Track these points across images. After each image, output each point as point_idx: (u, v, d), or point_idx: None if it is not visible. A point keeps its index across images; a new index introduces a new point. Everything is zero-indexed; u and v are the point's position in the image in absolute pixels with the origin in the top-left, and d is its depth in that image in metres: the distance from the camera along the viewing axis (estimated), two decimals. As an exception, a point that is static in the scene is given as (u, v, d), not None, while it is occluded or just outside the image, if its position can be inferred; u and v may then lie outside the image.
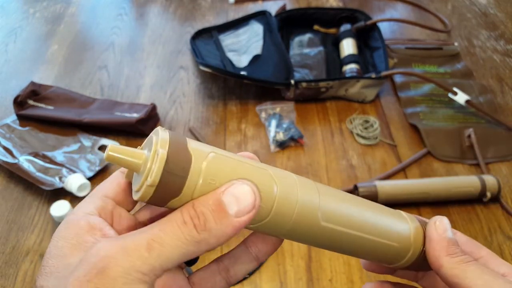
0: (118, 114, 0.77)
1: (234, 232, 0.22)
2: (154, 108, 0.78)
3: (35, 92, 0.80)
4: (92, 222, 0.23)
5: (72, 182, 0.65)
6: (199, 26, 1.00)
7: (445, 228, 0.28)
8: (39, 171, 0.68)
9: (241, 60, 0.88)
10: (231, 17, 1.05)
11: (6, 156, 0.70)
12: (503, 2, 1.14)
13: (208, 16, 1.07)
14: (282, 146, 0.74)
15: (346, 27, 0.93)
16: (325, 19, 0.96)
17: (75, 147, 0.73)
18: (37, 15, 1.08)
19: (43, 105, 0.79)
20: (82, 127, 0.76)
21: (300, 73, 0.85)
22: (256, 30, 0.93)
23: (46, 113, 0.77)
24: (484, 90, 0.87)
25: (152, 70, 0.91)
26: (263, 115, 0.80)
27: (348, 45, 0.89)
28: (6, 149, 0.72)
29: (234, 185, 0.22)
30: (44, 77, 0.89)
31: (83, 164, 0.70)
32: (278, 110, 0.80)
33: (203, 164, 0.22)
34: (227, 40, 0.93)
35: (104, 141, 0.74)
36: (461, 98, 0.80)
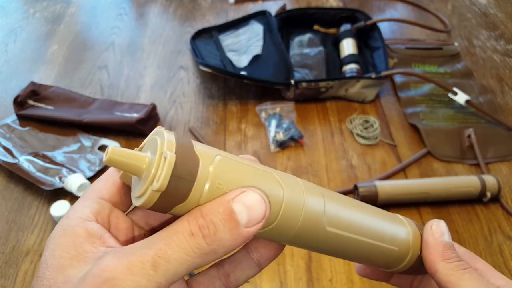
0: (118, 114, 0.77)
1: (242, 242, 0.21)
2: (154, 108, 0.78)
3: (35, 92, 0.80)
4: (90, 229, 0.22)
5: (72, 182, 0.65)
6: (199, 26, 1.00)
7: (441, 232, 0.28)
8: (39, 171, 0.68)
9: (241, 60, 0.88)
10: (231, 17, 1.05)
11: (6, 156, 0.71)
12: (503, 2, 1.14)
13: (208, 16, 1.07)
14: (282, 146, 0.74)
15: (346, 27, 0.93)
16: (325, 19, 0.96)
17: (75, 147, 0.73)
18: (37, 15, 1.08)
19: (43, 105, 0.79)
20: (82, 127, 0.76)
21: (300, 73, 0.85)
22: (256, 30, 0.93)
23: (46, 113, 0.77)
24: (484, 90, 0.87)
25: (152, 70, 0.91)
26: (263, 115, 0.80)
27: (348, 45, 0.89)
28: (6, 149, 0.72)
29: (245, 193, 0.21)
30: (44, 77, 0.89)
31: (83, 164, 0.70)
32: (278, 110, 0.80)
33: (210, 167, 0.21)
34: (227, 40, 0.93)
35: (104, 141, 0.74)
36: (461, 98, 0.80)
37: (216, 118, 0.80)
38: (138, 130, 0.75)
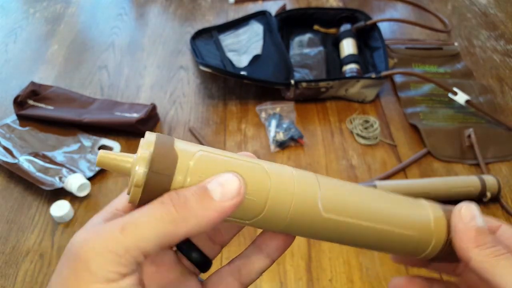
0: (118, 114, 0.77)
1: (217, 216, 0.22)
2: (154, 108, 0.78)
3: (35, 92, 0.80)
4: None
5: (72, 182, 0.65)
6: (199, 26, 1.00)
7: (472, 215, 0.25)
8: (39, 171, 0.68)
9: (241, 60, 0.88)
10: (231, 17, 1.05)
11: (6, 156, 0.71)
12: (503, 2, 1.14)
13: (208, 16, 1.07)
14: (282, 146, 0.74)
15: (346, 27, 0.93)
16: (325, 19, 0.96)
17: (75, 147, 0.73)
18: (37, 15, 1.08)
19: (43, 105, 0.79)
20: (82, 127, 0.76)
21: (300, 73, 0.85)
22: (256, 30, 0.93)
23: (46, 113, 0.77)
24: (484, 90, 0.87)
25: (152, 70, 0.91)
26: (263, 115, 0.80)
27: (348, 45, 0.89)
28: (6, 149, 0.72)
29: (221, 174, 0.22)
30: (44, 77, 0.89)
31: (83, 164, 0.70)
32: (278, 110, 0.80)
33: (190, 162, 0.23)
34: (227, 40, 0.93)
35: (104, 141, 0.74)
36: (461, 98, 0.80)
37: (216, 118, 0.80)
38: (138, 130, 0.75)
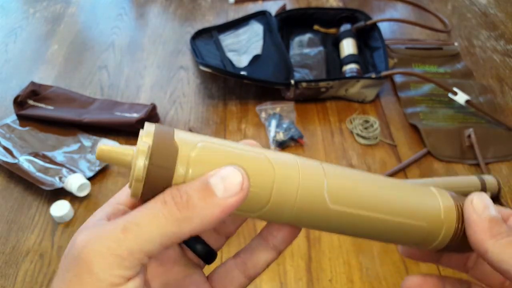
0: (118, 114, 0.77)
1: (221, 213, 0.21)
2: (154, 108, 0.78)
3: (35, 92, 0.80)
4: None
5: (72, 182, 0.65)
6: (199, 26, 1.00)
7: (484, 205, 0.24)
8: (39, 171, 0.68)
9: (241, 60, 0.88)
10: (231, 17, 1.05)
11: (6, 156, 0.70)
12: (503, 2, 1.14)
13: (208, 16, 1.07)
14: (282, 146, 0.74)
15: (346, 27, 0.93)
16: (325, 19, 0.96)
17: (75, 147, 0.73)
18: (37, 15, 1.08)
19: (43, 105, 0.79)
20: (82, 127, 0.76)
21: (300, 73, 0.85)
22: (256, 30, 0.93)
23: (46, 113, 0.77)
24: (484, 90, 0.87)
25: (152, 70, 0.91)
26: (263, 115, 0.80)
27: (348, 45, 0.89)
28: (6, 149, 0.72)
29: (223, 168, 0.22)
30: (44, 77, 0.89)
31: (83, 164, 0.70)
32: (278, 110, 0.80)
33: (191, 153, 0.22)
34: (227, 40, 0.93)
35: (104, 141, 0.74)
36: (461, 98, 0.80)
37: (216, 118, 0.80)
38: (138, 130, 0.74)
